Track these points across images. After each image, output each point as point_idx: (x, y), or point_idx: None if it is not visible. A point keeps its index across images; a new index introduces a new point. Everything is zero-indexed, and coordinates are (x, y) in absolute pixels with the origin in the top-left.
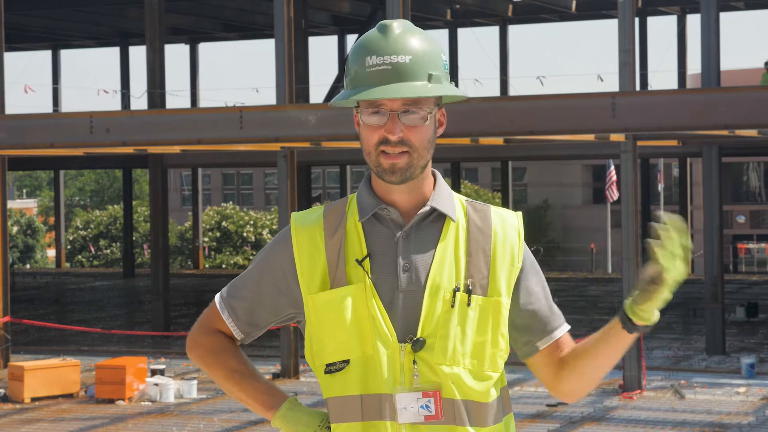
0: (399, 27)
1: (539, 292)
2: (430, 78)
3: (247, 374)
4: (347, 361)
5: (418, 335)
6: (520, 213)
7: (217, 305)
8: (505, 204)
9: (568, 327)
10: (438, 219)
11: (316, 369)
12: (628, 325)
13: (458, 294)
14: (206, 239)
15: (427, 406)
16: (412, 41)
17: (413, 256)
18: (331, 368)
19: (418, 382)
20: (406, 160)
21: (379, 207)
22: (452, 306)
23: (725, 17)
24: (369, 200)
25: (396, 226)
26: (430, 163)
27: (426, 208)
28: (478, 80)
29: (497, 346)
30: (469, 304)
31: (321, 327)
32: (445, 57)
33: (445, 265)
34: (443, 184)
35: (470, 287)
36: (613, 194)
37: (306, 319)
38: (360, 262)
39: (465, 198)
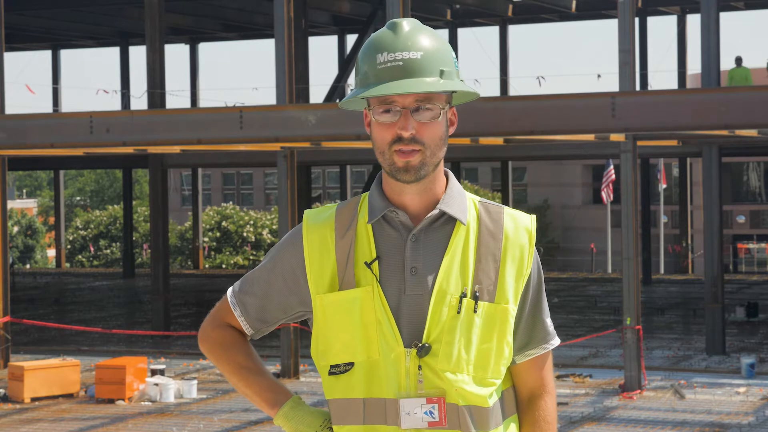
0: (409, 24)
1: (530, 310)
2: (442, 74)
3: (254, 370)
4: (352, 364)
5: (424, 341)
6: (534, 217)
7: (228, 300)
8: (504, 204)
9: (542, 351)
10: (448, 222)
11: (321, 369)
12: None
13: (465, 300)
14: (206, 239)
15: (430, 412)
16: (423, 38)
17: (421, 260)
18: (336, 370)
19: (423, 387)
20: (419, 158)
21: (389, 209)
22: (458, 312)
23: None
24: (379, 202)
25: (405, 229)
26: (442, 163)
27: (435, 212)
28: (478, 80)
29: (501, 353)
30: (475, 311)
31: (328, 328)
32: (454, 55)
33: (453, 270)
34: (455, 185)
35: (477, 293)
36: (609, 195)
37: (314, 318)
38: (369, 265)
39: (479, 199)
